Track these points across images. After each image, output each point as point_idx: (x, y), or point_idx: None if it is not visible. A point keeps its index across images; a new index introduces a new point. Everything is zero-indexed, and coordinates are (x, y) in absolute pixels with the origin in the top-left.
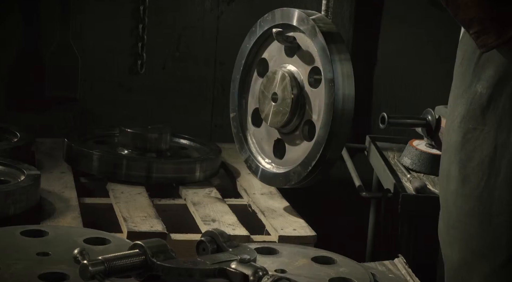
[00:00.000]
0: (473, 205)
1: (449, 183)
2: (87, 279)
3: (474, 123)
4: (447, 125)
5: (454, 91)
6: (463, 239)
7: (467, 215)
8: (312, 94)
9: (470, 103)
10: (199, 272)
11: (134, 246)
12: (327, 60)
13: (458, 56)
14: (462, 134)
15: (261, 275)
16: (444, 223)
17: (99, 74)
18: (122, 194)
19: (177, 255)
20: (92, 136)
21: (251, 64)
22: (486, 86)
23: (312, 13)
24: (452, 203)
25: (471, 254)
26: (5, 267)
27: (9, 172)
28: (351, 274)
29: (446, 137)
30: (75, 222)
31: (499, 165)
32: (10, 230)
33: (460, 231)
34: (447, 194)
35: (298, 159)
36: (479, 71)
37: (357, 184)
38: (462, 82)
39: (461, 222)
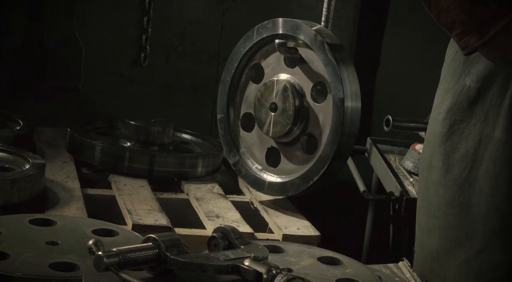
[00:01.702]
0: (454, 194)
1: (430, 173)
2: (101, 270)
3: (461, 115)
4: (432, 118)
5: (443, 86)
6: (442, 227)
7: (447, 204)
8: (315, 109)
9: (458, 96)
10: (213, 268)
11: (147, 239)
12: (337, 79)
13: (450, 53)
14: (448, 126)
15: (274, 274)
16: (424, 211)
17: (102, 66)
18: (125, 186)
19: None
20: (94, 127)
21: (244, 68)
22: (475, 80)
23: (314, 24)
24: (433, 192)
25: (449, 242)
26: (15, 255)
27: (13, 159)
28: (358, 276)
29: (430, 129)
30: (79, 212)
31: (482, 157)
32: (18, 218)
33: (440, 219)
34: (428, 183)
35: (295, 170)
36: (468, 65)
37: (360, 186)
38: (452, 76)
39: (441, 211)
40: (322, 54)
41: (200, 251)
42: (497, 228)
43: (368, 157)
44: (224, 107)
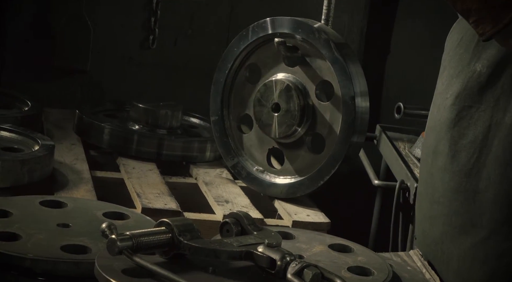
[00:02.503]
0: (460, 181)
1: (436, 159)
2: (114, 254)
3: (470, 101)
4: (436, 104)
5: (448, 71)
6: (446, 214)
7: (453, 190)
8: (321, 108)
9: (468, 81)
10: (226, 254)
11: (160, 223)
12: (346, 77)
13: (454, 38)
14: (456, 112)
15: (288, 261)
16: (427, 198)
17: (110, 48)
18: (134, 170)
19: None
20: (103, 109)
21: (238, 68)
22: (486, 65)
23: (314, 22)
24: (438, 178)
25: (453, 228)
26: (27, 237)
27: (22, 140)
28: (369, 263)
29: (436, 115)
30: (88, 195)
31: (491, 143)
32: (29, 199)
33: (444, 206)
34: (433, 170)
35: (301, 170)
36: (479, 50)
37: (370, 174)
38: (459, 62)
39: (445, 198)
40: (328, 52)
41: (210, 236)
42: (505, 214)
43: (377, 144)
44: (218, 109)
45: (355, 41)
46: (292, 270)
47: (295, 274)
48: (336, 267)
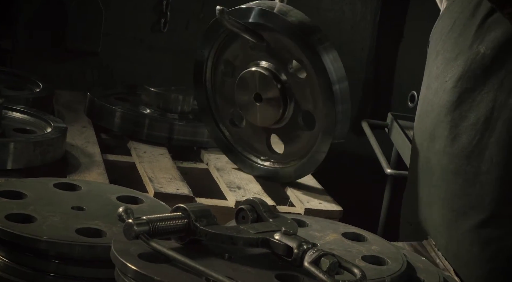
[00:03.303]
0: (461, 163)
1: (433, 143)
2: (131, 238)
3: (473, 83)
4: (432, 88)
5: (444, 56)
6: (444, 198)
7: (452, 173)
8: (299, 85)
9: (471, 63)
10: (243, 241)
11: (176, 208)
12: (311, 52)
13: (445, 24)
14: (458, 94)
15: (305, 249)
16: (424, 183)
17: (121, 30)
18: (145, 154)
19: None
20: (114, 92)
21: (214, 68)
22: (491, 47)
23: (273, 4)
24: (436, 162)
25: (451, 212)
26: (42, 219)
27: (34, 122)
28: (383, 252)
29: (432, 99)
30: (101, 178)
31: (494, 125)
32: (43, 181)
33: (443, 190)
34: (430, 153)
35: (302, 149)
36: (483, 32)
37: (382, 162)
38: (455, 46)
39: (444, 181)
40: (287, 31)
41: (222, 222)
42: (507, 196)
43: (389, 132)
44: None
45: (368, 28)
46: (309, 258)
47: (312, 262)
48: (350, 256)
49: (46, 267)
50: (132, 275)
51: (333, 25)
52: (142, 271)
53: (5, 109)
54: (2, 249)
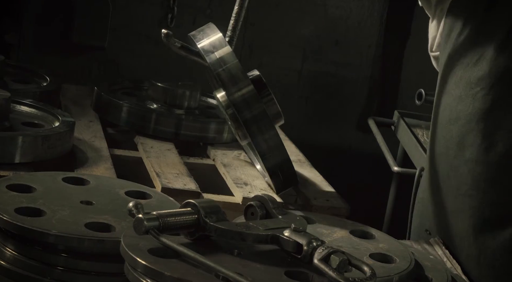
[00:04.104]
0: (497, 172)
1: (463, 151)
2: (141, 233)
3: (507, 91)
4: (455, 95)
5: (459, 61)
6: (476, 207)
7: (486, 182)
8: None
9: (503, 71)
10: (252, 237)
11: (186, 204)
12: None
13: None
14: (491, 102)
15: (315, 246)
16: (451, 192)
17: (128, 25)
18: (152, 149)
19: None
20: (121, 87)
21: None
22: None
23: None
24: (467, 171)
25: (483, 221)
26: (51, 213)
27: (42, 115)
28: (391, 250)
29: (457, 106)
30: (108, 172)
31: None
32: (52, 175)
33: (475, 199)
34: (458, 162)
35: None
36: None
37: (389, 160)
38: (471, 50)
39: (477, 190)
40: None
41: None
42: None
43: (395, 130)
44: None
45: (375, 26)
46: (319, 255)
47: (322, 259)
48: (358, 254)
49: (55, 261)
50: (142, 270)
51: (340, 22)
52: (152, 266)
53: (13, 103)
54: (11, 243)
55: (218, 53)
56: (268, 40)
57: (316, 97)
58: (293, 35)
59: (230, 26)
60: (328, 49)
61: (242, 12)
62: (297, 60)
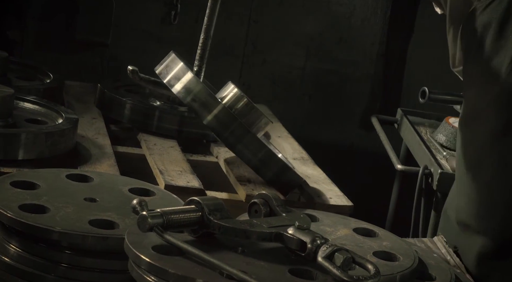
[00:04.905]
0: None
1: (480, 172)
2: (145, 230)
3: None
4: (471, 114)
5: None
6: (499, 225)
7: (503, 205)
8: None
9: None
10: (256, 235)
11: (190, 201)
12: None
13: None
14: (505, 122)
15: (319, 244)
16: (471, 212)
17: (131, 22)
18: (155, 146)
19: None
20: (124, 84)
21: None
22: None
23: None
24: (485, 193)
25: (504, 242)
26: (55, 210)
27: (45, 112)
28: (394, 248)
29: (473, 125)
30: (111, 169)
31: None
32: (55, 172)
33: (495, 218)
34: (477, 183)
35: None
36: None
37: (392, 158)
38: (486, 68)
39: (495, 212)
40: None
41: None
42: None
43: (398, 128)
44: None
45: (378, 23)
46: (323, 253)
47: (326, 257)
48: (361, 252)
49: (59, 258)
50: (145, 267)
51: (344, 19)
52: (156, 263)
53: (17, 99)
54: (15, 239)
55: (182, 83)
56: (271, 37)
57: (319, 95)
58: (296, 33)
59: (197, 55)
60: (331, 46)
61: (208, 41)
62: (301, 58)
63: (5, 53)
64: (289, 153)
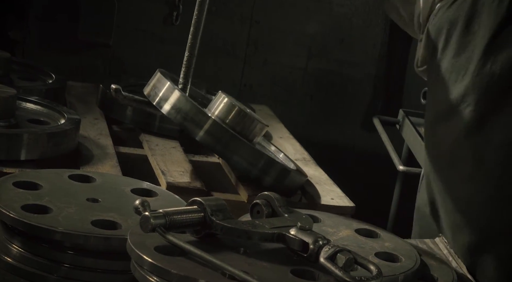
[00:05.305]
0: (494, 187)
1: (456, 168)
2: (148, 231)
3: (493, 105)
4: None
5: (445, 77)
6: (475, 221)
7: (482, 198)
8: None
9: (486, 86)
10: (258, 235)
11: (193, 202)
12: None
13: (447, 54)
14: (478, 117)
15: (321, 244)
16: (451, 209)
17: (133, 22)
18: (157, 147)
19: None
20: (127, 85)
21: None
22: (507, 67)
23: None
24: (460, 188)
25: (485, 237)
26: (58, 210)
27: (47, 113)
28: (397, 249)
29: (447, 123)
30: (114, 170)
31: None
32: (58, 172)
33: (471, 214)
34: (453, 179)
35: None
36: (492, 54)
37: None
38: (456, 65)
39: (473, 206)
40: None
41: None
42: None
43: (400, 129)
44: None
45: (380, 24)
46: (325, 254)
47: (328, 258)
48: (363, 252)
49: (61, 258)
50: (148, 267)
51: (345, 20)
52: (158, 264)
53: (19, 100)
54: (18, 240)
55: (170, 104)
56: (273, 38)
57: (321, 96)
58: (298, 33)
59: (182, 73)
60: (333, 47)
61: (193, 59)
62: (302, 59)
63: (7, 53)
64: (291, 153)
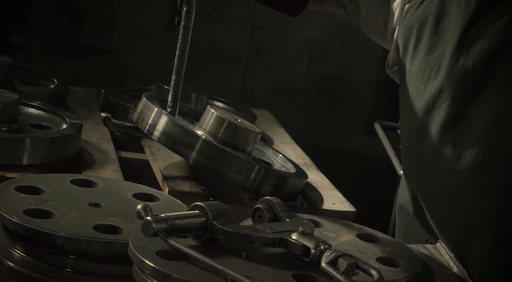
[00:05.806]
0: (471, 181)
1: (436, 164)
2: (149, 235)
3: (468, 99)
4: (420, 109)
5: (418, 75)
6: (457, 215)
7: (461, 191)
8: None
9: (461, 80)
10: (260, 240)
11: (194, 207)
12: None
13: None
14: (454, 112)
15: (323, 249)
16: (433, 205)
17: (135, 28)
18: (159, 151)
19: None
20: (128, 90)
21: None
22: (479, 61)
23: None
24: (442, 182)
25: (467, 230)
26: (60, 215)
27: (49, 117)
28: (398, 254)
29: (424, 119)
30: (115, 175)
31: (497, 138)
32: (60, 177)
33: (453, 208)
34: (434, 175)
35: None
36: (466, 48)
37: (395, 163)
38: (429, 62)
39: (454, 200)
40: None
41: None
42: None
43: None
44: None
45: None
46: (327, 259)
47: (330, 263)
48: (364, 257)
49: (63, 263)
50: (150, 272)
51: (346, 25)
52: (160, 268)
53: (21, 105)
54: (20, 244)
55: (159, 130)
56: (274, 43)
57: (322, 101)
58: (299, 39)
59: (170, 97)
60: (334, 52)
61: (180, 82)
62: (303, 64)
63: (9, 58)
64: (292, 158)
